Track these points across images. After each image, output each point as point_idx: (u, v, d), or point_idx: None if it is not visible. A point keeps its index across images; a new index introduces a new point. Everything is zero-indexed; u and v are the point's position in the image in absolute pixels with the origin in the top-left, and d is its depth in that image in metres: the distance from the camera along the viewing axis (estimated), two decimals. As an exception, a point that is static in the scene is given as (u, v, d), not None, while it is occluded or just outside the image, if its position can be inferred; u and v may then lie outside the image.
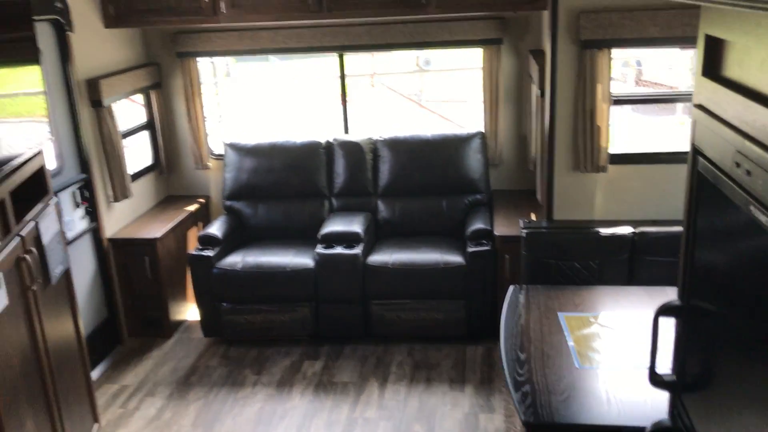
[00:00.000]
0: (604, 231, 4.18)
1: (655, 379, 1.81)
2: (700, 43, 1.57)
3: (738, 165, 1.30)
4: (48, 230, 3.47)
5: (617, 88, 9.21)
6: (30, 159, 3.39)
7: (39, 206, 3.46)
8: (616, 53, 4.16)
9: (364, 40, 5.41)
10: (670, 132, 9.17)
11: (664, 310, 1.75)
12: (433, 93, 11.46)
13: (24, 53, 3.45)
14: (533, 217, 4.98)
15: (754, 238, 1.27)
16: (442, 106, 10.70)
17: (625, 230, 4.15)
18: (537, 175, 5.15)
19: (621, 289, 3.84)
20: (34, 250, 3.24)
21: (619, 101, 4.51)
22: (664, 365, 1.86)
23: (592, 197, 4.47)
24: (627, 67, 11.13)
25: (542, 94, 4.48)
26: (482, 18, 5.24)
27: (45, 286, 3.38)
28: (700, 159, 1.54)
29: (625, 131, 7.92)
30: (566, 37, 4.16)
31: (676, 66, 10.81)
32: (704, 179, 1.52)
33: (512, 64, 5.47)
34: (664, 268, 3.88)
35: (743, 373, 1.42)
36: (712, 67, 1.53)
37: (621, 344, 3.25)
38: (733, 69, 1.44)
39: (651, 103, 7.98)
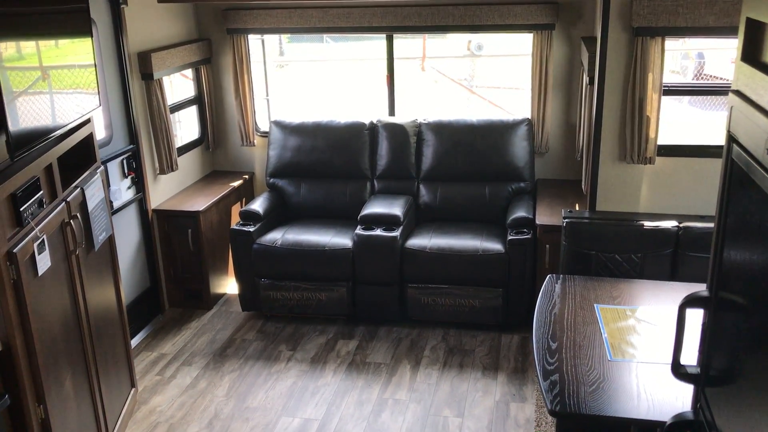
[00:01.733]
0: (648, 224, 4.08)
1: (679, 371, 1.77)
2: (742, 27, 1.51)
3: (769, 152, 1.25)
4: (93, 197, 3.57)
5: (675, 80, 8.93)
6: (79, 128, 3.49)
7: (86, 174, 3.55)
8: (675, 44, 4.05)
9: (413, 21, 5.37)
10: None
11: (690, 301, 1.71)
12: (484, 79, 11.33)
13: (78, 25, 3.53)
14: (577, 207, 4.90)
15: (783, 229, 1.23)
16: (494, 92, 10.57)
17: (670, 224, 4.05)
18: (583, 164, 5.06)
19: (661, 284, 3.75)
20: (78, 215, 3.33)
21: (669, 91, 4.38)
22: (691, 358, 1.82)
23: (638, 189, 4.37)
24: (687, 60, 10.78)
25: (591, 82, 4.39)
26: (535, 2, 5.15)
27: (88, 251, 3.48)
28: (735, 146, 1.48)
29: (678, 124, 7.69)
30: (618, 23, 4.06)
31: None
32: (737, 168, 1.47)
33: (563, 50, 5.37)
34: (709, 265, 3.78)
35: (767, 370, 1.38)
36: (752, 52, 1.47)
37: (657, 339, 3.18)
38: (773, 54, 1.39)
39: (704, 95, 7.71)
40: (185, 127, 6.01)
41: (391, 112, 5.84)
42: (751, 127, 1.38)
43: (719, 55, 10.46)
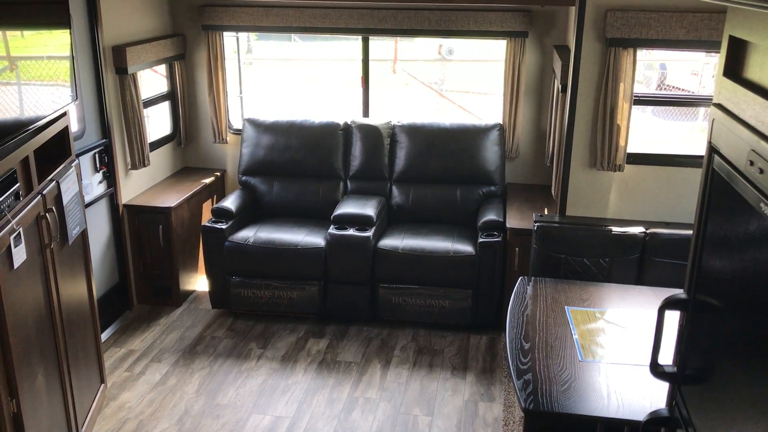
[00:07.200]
0: (616, 230, 4.20)
1: (657, 370, 1.85)
2: (724, 43, 1.59)
3: (752, 163, 1.32)
4: (68, 191, 3.54)
5: (638, 90, 9.16)
6: (54, 120, 3.45)
7: (61, 167, 3.52)
8: (641, 54, 4.16)
9: (389, 24, 5.42)
10: (690, 138, 9.14)
11: (669, 303, 1.79)
12: (454, 83, 11.45)
13: (56, 17, 3.50)
14: (546, 211, 5.01)
15: (763, 236, 1.30)
16: (463, 97, 10.69)
17: (637, 230, 4.17)
18: (553, 170, 5.17)
19: (629, 288, 3.87)
20: (54, 209, 3.30)
21: (640, 101, 4.50)
22: (667, 357, 1.90)
23: (607, 195, 4.48)
24: (651, 70, 11.05)
25: (563, 90, 4.49)
26: (509, 10, 5.25)
27: (62, 245, 3.45)
28: (716, 157, 1.56)
29: (644, 133, 7.89)
30: (592, 33, 4.16)
31: (701, 73, 10.71)
32: (719, 177, 1.55)
33: (536, 58, 5.47)
34: (674, 270, 3.92)
35: (743, 370, 1.45)
36: (734, 68, 1.55)
37: (625, 341, 3.29)
38: (754, 71, 1.47)
39: (672, 105, 7.96)
40: (154, 122, 5.96)
41: (365, 114, 5.88)
42: (733, 140, 1.46)
43: (680, 67, 10.77)
